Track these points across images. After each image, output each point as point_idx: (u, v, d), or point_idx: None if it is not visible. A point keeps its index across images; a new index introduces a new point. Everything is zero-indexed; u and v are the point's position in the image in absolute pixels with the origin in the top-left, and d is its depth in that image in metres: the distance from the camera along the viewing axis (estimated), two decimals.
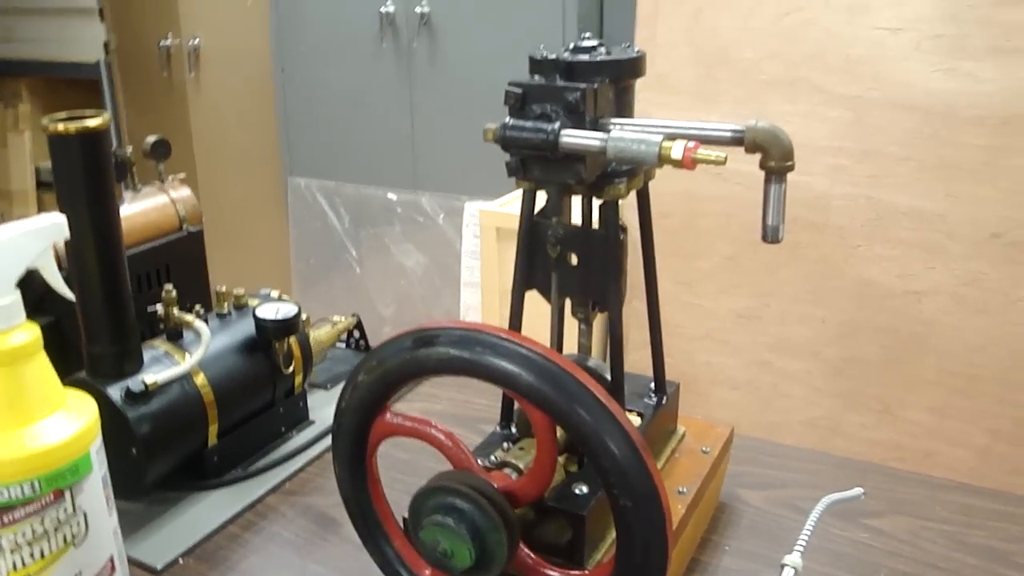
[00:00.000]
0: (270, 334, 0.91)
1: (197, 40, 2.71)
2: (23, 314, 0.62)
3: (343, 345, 1.16)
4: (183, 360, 0.86)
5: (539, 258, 0.72)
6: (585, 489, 0.68)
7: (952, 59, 1.67)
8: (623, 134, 0.61)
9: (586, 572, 0.63)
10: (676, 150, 0.59)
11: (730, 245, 1.87)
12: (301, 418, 1.00)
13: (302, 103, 2.65)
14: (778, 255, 1.85)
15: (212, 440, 0.89)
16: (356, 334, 1.14)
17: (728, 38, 1.80)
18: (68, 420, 0.63)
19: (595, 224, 0.70)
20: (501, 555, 0.60)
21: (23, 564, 0.62)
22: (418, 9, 2.34)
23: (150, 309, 0.88)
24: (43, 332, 0.62)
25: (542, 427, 0.60)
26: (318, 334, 1.04)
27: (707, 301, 1.92)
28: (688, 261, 1.93)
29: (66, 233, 0.64)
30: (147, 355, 0.85)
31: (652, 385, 0.81)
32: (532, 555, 0.64)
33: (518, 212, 0.71)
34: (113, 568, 0.67)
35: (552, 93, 0.64)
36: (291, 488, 0.91)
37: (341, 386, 1.04)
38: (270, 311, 0.92)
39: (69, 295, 0.66)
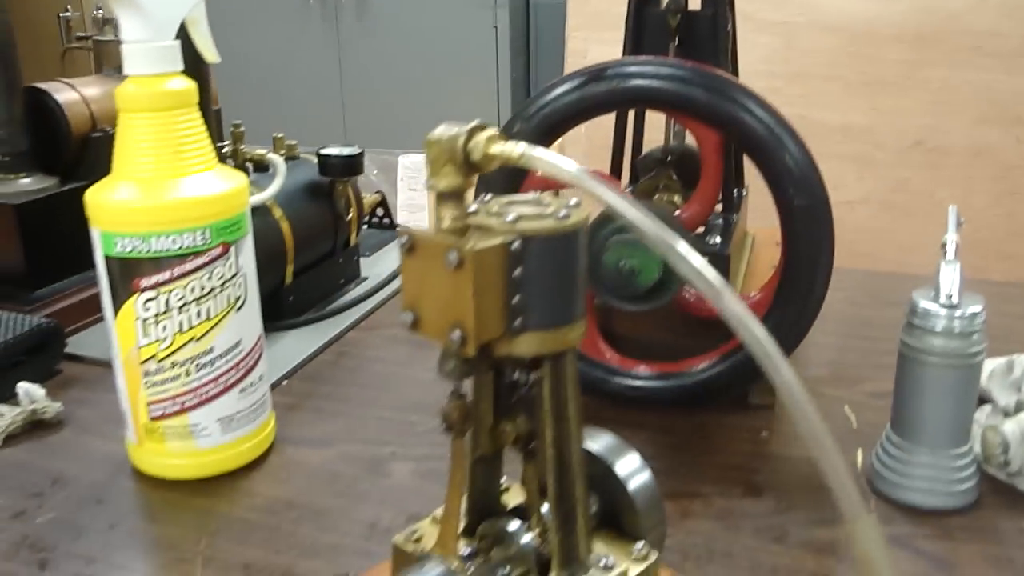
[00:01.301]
0: (337, 171, 0.90)
1: (100, 12, 2.59)
2: (182, 62, 0.60)
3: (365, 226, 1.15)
4: (258, 192, 0.84)
5: (645, 40, 0.75)
6: (718, 239, 0.71)
7: None
8: None
9: (756, 293, 0.66)
10: None
11: None
12: (355, 274, 0.99)
13: (226, 67, 2.58)
14: None
15: (289, 279, 0.87)
16: (380, 212, 1.14)
17: None
18: (226, 176, 0.62)
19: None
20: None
21: (190, 325, 0.60)
22: None
23: (218, 145, 0.86)
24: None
25: (711, 144, 0.63)
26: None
27: None
28: None
29: None
30: None
31: None
32: (695, 292, 0.67)
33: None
34: (261, 347, 0.66)
35: None
36: (370, 325, 0.90)
37: (381, 252, 1.05)
38: (334, 151, 0.91)
39: (215, 57, 0.65)
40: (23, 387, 0.73)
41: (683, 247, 0.31)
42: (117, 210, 0.58)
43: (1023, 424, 0.61)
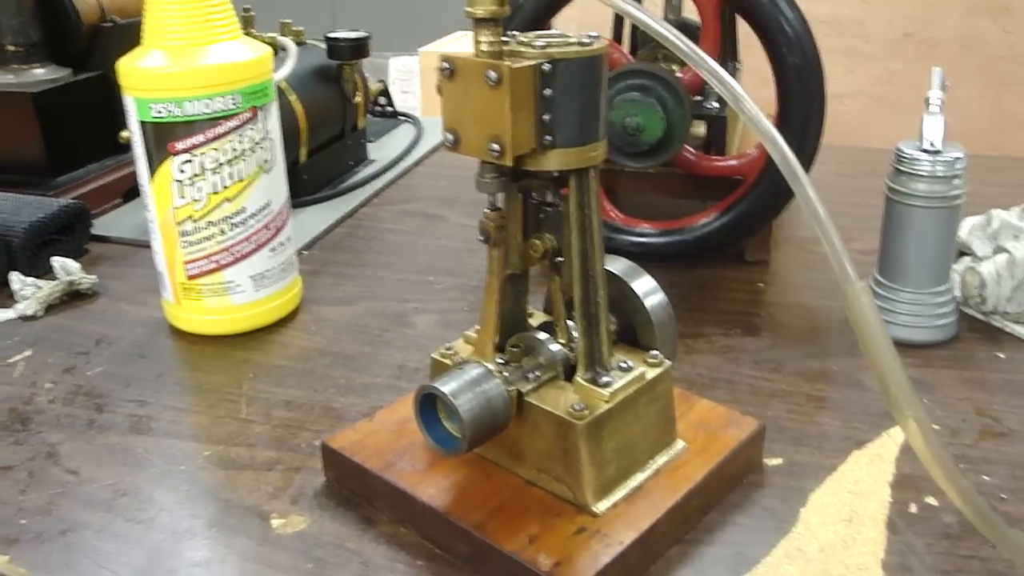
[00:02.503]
0: (345, 54, 0.93)
1: None
2: None
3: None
4: None
5: None
6: (715, 104, 0.74)
7: None
8: None
9: (753, 149, 0.70)
10: None
11: None
12: (363, 156, 1.02)
13: None
14: None
15: (303, 158, 0.90)
16: (383, 100, 1.16)
17: None
18: (252, 45, 0.65)
19: None
20: (681, 129, 0.66)
21: (223, 186, 0.64)
22: None
23: None
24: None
25: (710, 8, 0.66)
26: None
27: None
28: None
29: None
30: None
31: None
32: (692, 151, 0.71)
33: (462, 51, 0.77)
34: (287, 211, 0.70)
35: None
36: (381, 202, 0.94)
37: (384, 138, 1.08)
38: (341, 34, 0.93)
39: None
40: (58, 261, 0.76)
41: (708, 58, 0.34)
42: (151, 76, 0.61)
43: (999, 265, 0.66)
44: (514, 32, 0.41)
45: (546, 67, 0.39)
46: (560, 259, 0.44)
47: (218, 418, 0.58)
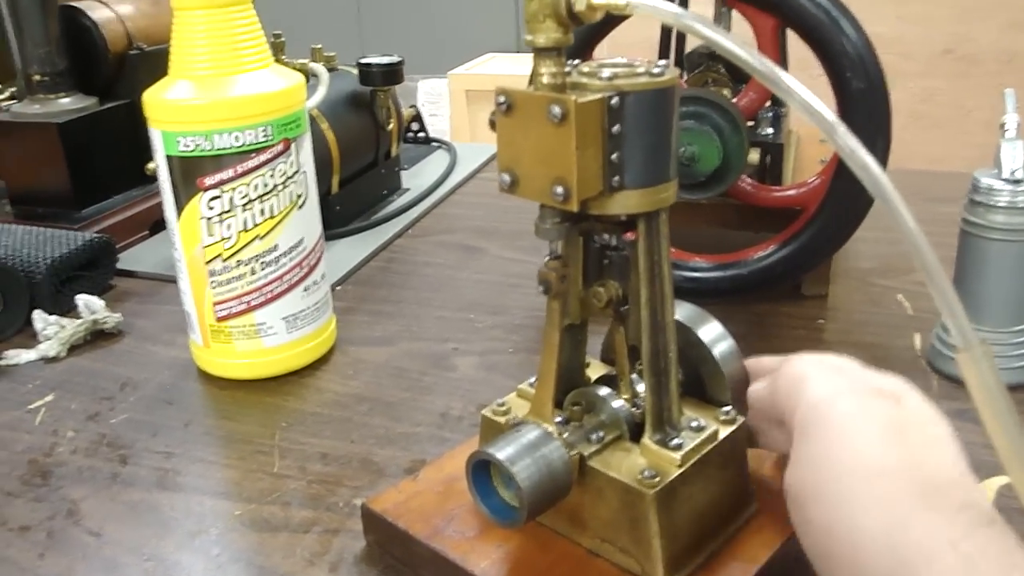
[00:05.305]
0: (378, 80, 0.89)
1: None
2: None
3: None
4: None
5: None
6: (770, 130, 0.71)
7: None
8: None
9: (814, 178, 0.66)
10: None
11: None
12: (397, 185, 0.99)
13: None
14: None
15: (335, 188, 0.87)
16: (415, 127, 1.13)
17: None
18: (283, 74, 0.62)
19: None
20: (739, 160, 0.62)
21: (254, 223, 0.60)
22: None
23: None
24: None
25: (767, 31, 0.62)
26: None
27: None
28: None
29: None
30: None
31: None
32: (750, 181, 0.67)
33: (488, 73, 0.73)
34: (321, 247, 0.66)
35: None
36: (416, 233, 0.90)
37: (418, 165, 1.05)
38: (374, 60, 0.90)
39: None
40: (82, 299, 0.73)
41: (790, 79, 0.31)
42: (178, 108, 0.58)
43: None
44: (575, 61, 0.38)
45: (614, 101, 0.35)
46: (625, 308, 0.41)
47: (250, 472, 0.55)
